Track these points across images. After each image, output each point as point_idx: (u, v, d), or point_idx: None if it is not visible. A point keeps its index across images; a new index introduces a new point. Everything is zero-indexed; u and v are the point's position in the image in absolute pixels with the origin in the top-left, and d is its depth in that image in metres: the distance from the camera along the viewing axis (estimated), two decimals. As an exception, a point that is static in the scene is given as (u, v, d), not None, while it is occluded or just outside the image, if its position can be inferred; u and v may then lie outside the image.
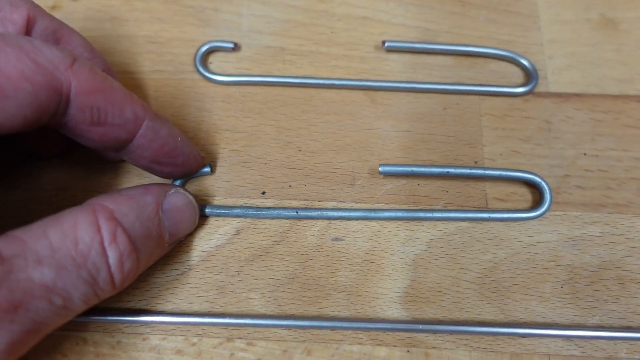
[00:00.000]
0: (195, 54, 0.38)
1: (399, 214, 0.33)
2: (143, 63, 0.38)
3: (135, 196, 0.28)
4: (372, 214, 0.33)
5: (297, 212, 0.33)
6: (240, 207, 0.33)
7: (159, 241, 0.29)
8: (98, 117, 0.27)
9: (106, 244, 0.26)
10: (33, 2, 0.30)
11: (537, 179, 0.34)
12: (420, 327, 0.31)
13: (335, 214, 0.33)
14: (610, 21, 0.40)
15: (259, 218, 0.33)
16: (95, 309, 0.31)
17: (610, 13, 0.41)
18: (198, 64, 0.38)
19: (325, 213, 0.33)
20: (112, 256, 0.26)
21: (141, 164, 0.31)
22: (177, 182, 0.34)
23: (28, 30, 0.29)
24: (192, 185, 0.34)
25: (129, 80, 0.38)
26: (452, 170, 0.33)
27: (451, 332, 0.31)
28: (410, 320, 0.31)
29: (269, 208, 0.33)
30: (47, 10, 0.39)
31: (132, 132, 0.29)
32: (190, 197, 0.31)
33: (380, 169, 0.33)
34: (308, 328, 0.31)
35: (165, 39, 0.39)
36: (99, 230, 0.25)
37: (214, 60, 0.39)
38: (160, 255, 0.31)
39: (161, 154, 0.30)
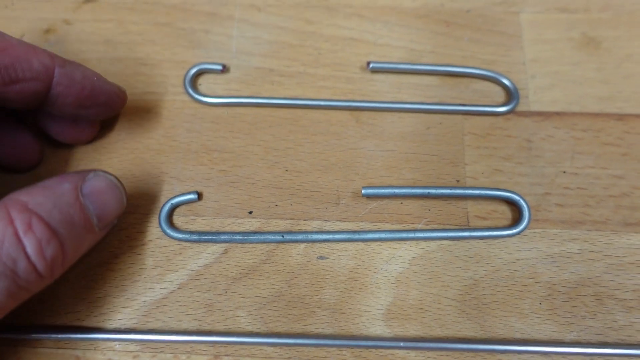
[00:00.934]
0: (185, 76, 0.39)
1: (382, 235, 0.34)
2: (135, 85, 0.40)
3: (50, 186, 0.28)
4: (356, 236, 0.34)
5: (282, 236, 0.34)
6: (227, 232, 0.34)
7: (86, 226, 0.29)
8: (8, 76, 0.28)
9: (21, 234, 0.25)
10: None
11: (516, 197, 0.35)
12: (402, 344, 0.32)
13: (320, 236, 0.34)
14: (592, 40, 0.41)
15: (245, 243, 0.34)
16: (86, 327, 0.32)
17: (592, 32, 0.41)
18: (187, 86, 0.39)
19: (310, 236, 0.34)
20: (30, 244, 0.26)
21: (68, 112, 0.33)
22: (168, 205, 0.35)
23: None
24: (180, 207, 0.36)
25: (121, 102, 0.39)
26: (432, 191, 0.34)
27: (431, 349, 0.32)
28: (391, 338, 0.32)
29: (255, 233, 0.34)
30: (41, 33, 0.40)
31: (47, 81, 0.30)
32: (112, 177, 0.31)
33: (362, 191, 0.34)
34: (293, 345, 0.32)
35: (157, 61, 0.40)
36: (11, 222, 0.25)
37: (204, 82, 0.40)
38: (94, 240, 0.30)
39: (82, 97, 0.32)
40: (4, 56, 0.28)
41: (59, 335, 0.32)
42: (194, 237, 0.34)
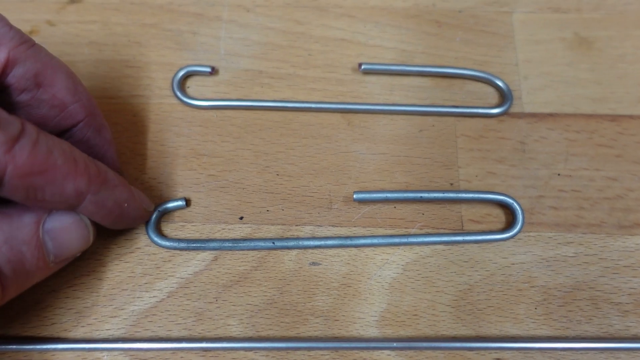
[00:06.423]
0: (173, 78, 0.38)
1: (375, 241, 0.33)
2: (121, 88, 0.39)
3: (10, 214, 0.26)
4: (348, 242, 0.33)
5: (273, 243, 0.33)
6: (217, 240, 0.34)
7: (39, 264, 0.27)
8: (34, 195, 0.25)
9: None
10: (19, 41, 0.27)
11: (509, 201, 0.34)
12: (395, 345, 0.31)
13: (311, 243, 0.33)
14: (585, 40, 0.41)
15: (235, 250, 0.34)
16: (73, 338, 0.31)
17: (584, 32, 0.41)
18: (175, 89, 0.38)
19: (301, 242, 0.33)
20: None
21: None
22: (156, 212, 0.34)
23: (5, 73, 0.27)
24: (169, 213, 0.35)
25: (106, 105, 0.38)
26: (425, 195, 0.34)
27: (424, 349, 0.31)
28: (384, 339, 0.32)
29: (245, 240, 0.34)
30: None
31: (73, 205, 0.27)
32: (79, 214, 0.29)
33: (354, 196, 0.34)
34: (284, 350, 0.31)
35: (143, 63, 0.39)
36: None
37: (192, 84, 0.39)
38: (46, 275, 0.28)
39: (103, 221, 0.30)
40: (38, 178, 0.24)
41: (45, 347, 0.31)
42: (182, 245, 0.33)
